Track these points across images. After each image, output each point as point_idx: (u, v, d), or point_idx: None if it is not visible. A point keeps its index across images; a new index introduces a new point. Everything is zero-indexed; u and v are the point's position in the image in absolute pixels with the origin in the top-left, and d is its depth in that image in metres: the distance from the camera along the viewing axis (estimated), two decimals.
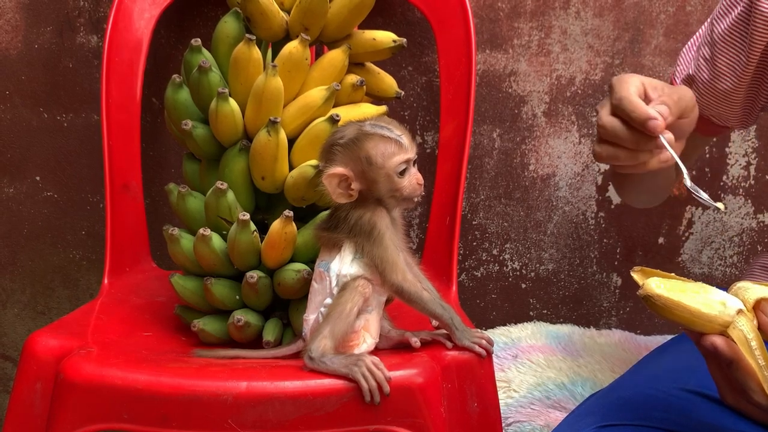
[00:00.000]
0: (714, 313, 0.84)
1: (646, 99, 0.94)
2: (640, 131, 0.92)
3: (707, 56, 1.12)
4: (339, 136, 1.04)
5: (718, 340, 0.84)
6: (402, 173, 1.03)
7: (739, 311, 0.84)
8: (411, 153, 1.03)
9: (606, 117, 0.94)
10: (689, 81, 1.14)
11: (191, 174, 1.26)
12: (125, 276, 1.38)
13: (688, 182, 0.94)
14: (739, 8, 1.08)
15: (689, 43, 1.17)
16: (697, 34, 1.16)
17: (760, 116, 1.10)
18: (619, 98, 0.93)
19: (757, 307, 0.85)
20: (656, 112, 0.91)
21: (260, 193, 1.20)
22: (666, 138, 0.93)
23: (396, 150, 1.02)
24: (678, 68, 1.17)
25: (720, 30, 1.10)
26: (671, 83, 1.17)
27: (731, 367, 0.84)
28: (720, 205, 0.93)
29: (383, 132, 1.03)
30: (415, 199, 1.05)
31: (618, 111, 0.93)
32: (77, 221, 1.59)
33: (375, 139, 1.02)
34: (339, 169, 1.02)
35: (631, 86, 0.93)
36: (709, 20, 1.14)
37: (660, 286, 0.86)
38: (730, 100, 1.12)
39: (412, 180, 1.04)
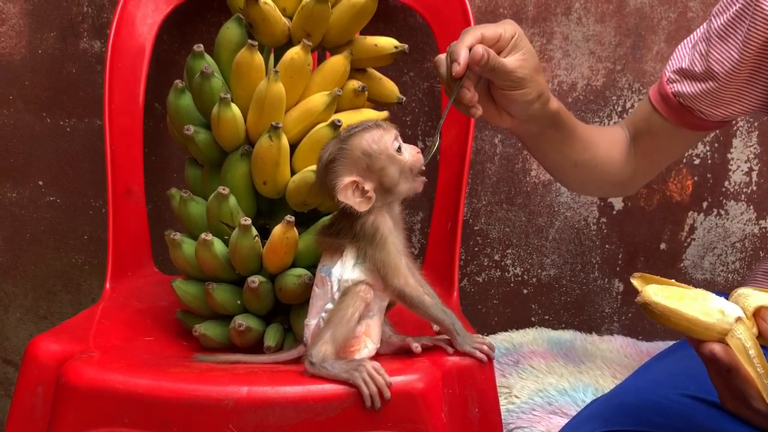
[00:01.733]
0: (712, 321, 0.84)
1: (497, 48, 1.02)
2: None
3: (703, 52, 1.12)
4: (327, 154, 1.05)
5: (716, 348, 0.84)
6: (399, 150, 1.04)
7: (738, 319, 0.84)
8: (394, 130, 1.06)
9: (439, 55, 1.03)
10: (681, 74, 1.15)
11: (193, 179, 1.26)
12: (127, 280, 1.38)
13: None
14: (737, 5, 1.09)
15: (686, 40, 1.17)
16: (695, 32, 1.17)
17: (762, 121, 1.11)
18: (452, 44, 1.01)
19: (757, 314, 0.85)
20: (465, 56, 0.98)
21: (262, 198, 1.20)
22: (464, 90, 1.00)
23: (382, 132, 1.04)
24: (671, 62, 1.17)
25: (716, 25, 1.11)
26: (661, 78, 1.18)
27: (730, 374, 0.84)
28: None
29: (362, 126, 1.05)
30: (423, 168, 1.07)
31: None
32: (79, 226, 1.59)
33: (359, 134, 1.04)
34: (347, 178, 1.02)
35: (468, 35, 1.00)
36: (708, 19, 1.15)
37: (658, 293, 0.86)
38: (716, 96, 1.13)
39: (411, 151, 1.06)
